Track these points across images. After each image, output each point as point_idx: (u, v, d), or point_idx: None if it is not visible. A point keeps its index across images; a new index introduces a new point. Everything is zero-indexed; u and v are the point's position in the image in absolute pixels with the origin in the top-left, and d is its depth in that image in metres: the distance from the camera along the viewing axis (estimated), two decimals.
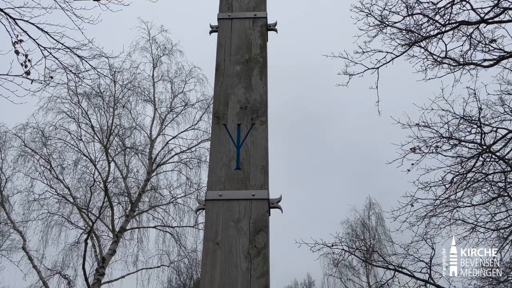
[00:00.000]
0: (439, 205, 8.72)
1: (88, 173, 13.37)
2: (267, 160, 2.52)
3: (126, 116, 14.09)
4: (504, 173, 8.32)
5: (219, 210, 2.38)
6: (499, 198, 8.62)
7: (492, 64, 8.03)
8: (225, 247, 2.27)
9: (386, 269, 10.25)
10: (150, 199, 14.16)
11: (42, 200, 12.89)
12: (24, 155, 13.01)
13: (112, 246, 12.39)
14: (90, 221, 12.47)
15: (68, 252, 13.03)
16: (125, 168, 13.75)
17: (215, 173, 2.51)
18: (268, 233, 2.30)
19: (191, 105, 14.87)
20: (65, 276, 12.52)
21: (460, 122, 8.09)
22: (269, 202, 2.39)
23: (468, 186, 8.52)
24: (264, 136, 2.61)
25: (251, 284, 2.16)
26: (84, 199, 13.15)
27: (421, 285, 9.28)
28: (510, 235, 8.51)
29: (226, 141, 2.61)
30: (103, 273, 11.94)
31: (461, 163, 8.34)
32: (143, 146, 14.34)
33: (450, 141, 8.25)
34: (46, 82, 7.33)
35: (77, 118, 13.27)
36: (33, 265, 11.99)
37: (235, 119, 2.68)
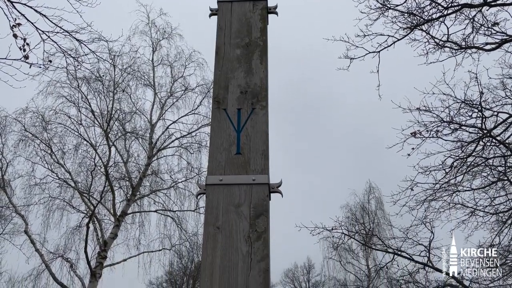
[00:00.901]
0: (438, 189, 8.76)
1: (88, 158, 13.41)
2: (267, 144, 2.52)
3: (126, 101, 14.06)
4: (504, 157, 8.32)
5: (220, 194, 2.39)
6: (499, 182, 8.65)
7: (494, 48, 7.96)
8: (225, 231, 2.29)
9: (385, 252, 10.36)
10: (151, 183, 14.23)
11: (43, 185, 12.96)
12: (24, 140, 13.02)
13: (114, 230, 12.49)
14: (91, 205, 12.54)
15: (70, 235, 13.16)
16: (125, 152, 13.78)
17: (216, 158, 2.51)
18: (268, 217, 2.31)
19: (191, 90, 14.82)
20: (67, 259, 12.65)
21: (461, 107, 8.06)
22: (270, 187, 2.40)
23: (468, 171, 8.53)
24: (265, 121, 2.60)
25: (251, 267, 2.18)
26: (85, 183, 13.21)
27: (420, 268, 9.39)
28: (509, 218, 8.56)
29: (227, 126, 2.60)
30: (105, 256, 12.06)
31: (462, 148, 8.34)
32: (144, 130, 14.35)
33: (451, 125, 8.23)
34: (45, 66, 7.29)
35: (77, 103, 13.24)
36: (35, 249, 12.10)
37: (235, 103, 2.67)
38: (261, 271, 2.17)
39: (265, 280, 2.15)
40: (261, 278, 2.16)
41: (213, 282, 2.16)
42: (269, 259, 2.21)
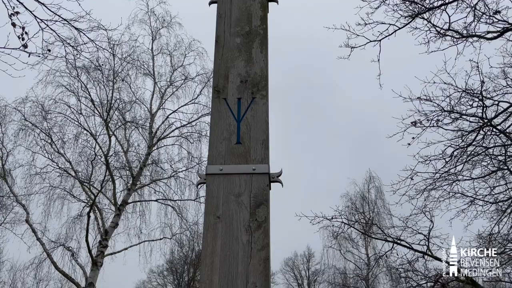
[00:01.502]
0: (438, 179, 8.78)
1: (89, 147, 13.41)
2: (267, 134, 2.51)
3: (126, 90, 14.02)
4: (504, 146, 8.32)
5: (220, 184, 2.39)
6: (499, 171, 8.66)
7: (495, 36, 7.90)
8: (226, 221, 2.29)
9: (384, 241, 10.41)
10: (151, 173, 14.25)
11: (43, 174, 12.98)
12: (24, 129, 13.01)
13: (115, 219, 12.55)
14: (92, 195, 12.58)
15: (71, 225, 13.22)
16: (125, 142, 13.78)
17: (216, 147, 2.51)
18: (268, 206, 2.32)
19: (191, 79, 14.77)
20: (68, 248, 12.72)
21: (462, 96, 8.03)
22: (270, 176, 2.40)
23: (468, 160, 8.54)
24: (265, 110, 2.59)
25: (251, 256, 2.19)
26: (86, 173, 13.23)
27: (419, 256, 9.44)
28: (509, 208, 8.58)
29: (227, 115, 2.59)
30: (106, 245, 12.13)
31: (462, 137, 8.33)
32: (144, 120, 14.33)
33: (451, 114, 8.21)
34: (44, 55, 7.23)
35: (76, 92, 13.20)
36: (36, 238, 12.17)
37: (235, 92, 2.65)
38: (261, 260, 2.18)
39: (266, 268, 2.17)
40: (262, 267, 2.17)
41: (214, 271, 2.17)
42: (269, 248, 2.22)
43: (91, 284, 11.45)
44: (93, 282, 11.50)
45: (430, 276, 9.33)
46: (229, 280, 2.15)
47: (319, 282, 50.66)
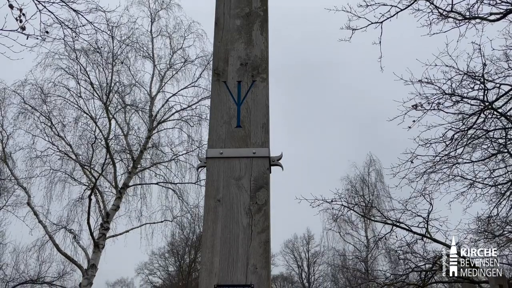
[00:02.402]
0: (438, 162, 8.79)
1: (89, 130, 13.39)
2: (267, 118, 2.51)
3: (125, 73, 13.93)
4: (505, 129, 8.31)
5: (220, 167, 2.39)
6: (499, 154, 8.66)
7: (498, 18, 7.81)
8: (226, 204, 2.30)
9: (384, 223, 10.49)
10: (152, 156, 14.28)
11: (44, 157, 12.99)
12: (24, 112, 12.97)
13: (116, 202, 12.62)
14: (93, 178, 12.62)
15: (72, 207, 13.29)
16: (126, 125, 13.76)
17: (216, 131, 2.50)
18: (268, 190, 2.33)
19: (190, 62, 14.67)
20: (70, 231, 12.83)
21: (464, 78, 7.98)
22: (270, 160, 2.40)
23: (468, 143, 8.53)
24: (265, 94, 2.57)
25: (252, 239, 2.21)
26: (86, 156, 13.25)
27: (418, 239, 9.53)
28: (508, 190, 8.62)
29: (227, 99, 2.58)
30: (107, 227, 12.23)
31: (463, 120, 8.31)
32: (143, 103, 14.28)
33: (453, 97, 8.17)
34: (42, 37, 7.16)
35: (75, 75, 13.11)
36: (38, 220, 12.26)
37: (235, 76, 2.63)
38: (261, 242, 2.20)
39: (266, 251, 2.18)
40: (262, 249, 2.19)
41: (214, 253, 2.19)
42: (270, 230, 2.24)
43: (93, 265, 11.59)
44: (95, 264, 11.64)
45: (428, 258, 9.43)
46: (230, 262, 2.17)
47: (318, 264, 51.24)
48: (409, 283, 9.85)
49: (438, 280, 10.36)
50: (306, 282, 54.03)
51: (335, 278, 35.71)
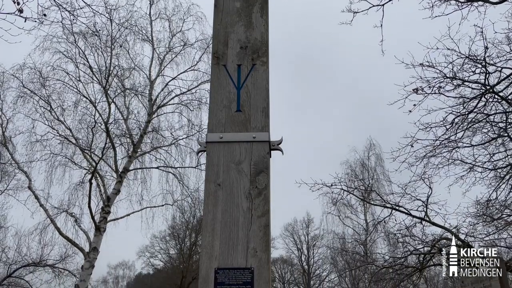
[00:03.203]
0: (438, 146, 8.79)
1: (88, 115, 13.36)
2: (267, 102, 2.49)
3: (124, 56, 13.82)
4: (505, 113, 8.27)
5: (220, 152, 2.39)
6: (499, 138, 8.65)
7: (501, 1, 7.71)
8: (226, 188, 2.31)
9: (383, 207, 10.56)
10: (152, 140, 14.27)
11: (44, 141, 12.99)
12: (23, 96, 12.91)
13: (116, 185, 12.66)
14: (93, 162, 12.64)
15: (73, 191, 13.35)
16: (125, 109, 13.72)
17: (216, 115, 2.49)
18: (268, 174, 2.33)
19: (190, 45, 14.54)
20: (71, 214, 12.91)
21: (465, 62, 7.92)
22: (270, 144, 2.39)
23: (468, 127, 8.51)
24: (265, 77, 2.56)
25: (252, 222, 2.22)
26: (86, 140, 13.24)
27: (417, 222, 9.59)
28: (507, 174, 8.63)
29: (226, 83, 2.56)
30: (108, 211, 12.30)
31: (463, 104, 8.27)
32: (143, 87, 14.21)
33: (454, 81, 8.12)
34: (39, 20, 7.07)
35: (74, 58, 13.02)
36: (40, 204, 12.32)
37: (235, 59, 2.61)
38: (261, 226, 2.21)
39: (266, 234, 2.20)
40: (262, 232, 2.20)
41: (215, 236, 2.21)
42: (270, 214, 2.25)
43: (94, 248, 11.70)
44: (96, 247, 11.74)
45: (427, 241, 9.51)
46: (230, 246, 2.19)
47: (318, 247, 51.75)
48: (408, 265, 9.96)
49: (436, 262, 10.46)
50: (306, 264, 54.62)
51: (334, 260, 36.11)
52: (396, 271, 10.12)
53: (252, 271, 2.12)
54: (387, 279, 11.15)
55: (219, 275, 2.13)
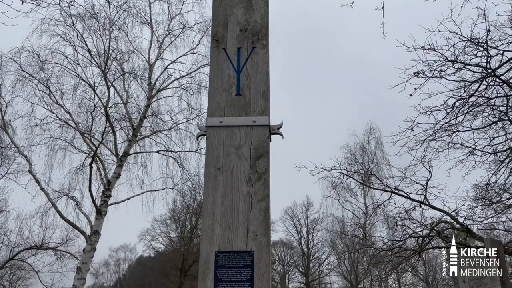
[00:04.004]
0: (439, 130, 8.77)
1: (88, 98, 13.31)
2: (268, 85, 2.47)
3: (123, 39, 13.69)
4: (506, 97, 8.24)
5: (220, 136, 2.38)
6: (499, 122, 8.63)
7: None
8: (226, 172, 2.31)
9: (383, 191, 10.60)
10: (151, 124, 14.25)
11: (44, 125, 12.97)
12: (22, 80, 12.84)
13: (117, 169, 12.69)
14: (93, 146, 12.65)
15: (74, 175, 13.38)
16: (125, 93, 13.66)
17: (215, 99, 2.47)
18: (268, 158, 2.32)
19: (189, 28, 14.39)
20: (72, 198, 12.97)
21: (467, 45, 7.84)
22: (270, 129, 2.38)
23: (469, 111, 8.49)
24: (265, 61, 2.53)
25: (252, 206, 2.23)
26: (86, 124, 13.22)
27: (416, 205, 9.64)
28: (507, 158, 8.64)
29: (226, 66, 2.53)
30: (109, 195, 12.36)
31: (464, 87, 8.23)
32: (142, 70, 14.11)
33: (455, 64, 8.06)
34: (37, 2, 6.98)
35: (72, 41, 12.90)
36: (40, 188, 12.37)
37: (234, 42, 2.58)
38: (261, 210, 2.22)
39: (266, 218, 2.21)
40: (262, 216, 2.21)
41: (215, 220, 2.22)
42: (270, 198, 2.25)
43: (96, 232, 11.79)
44: (98, 230, 11.84)
45: (426, 225, 9.58)
46: (230, 229, 2.20)
47: (317, 230, 52.25)
48: (406, 248, 10.05)
49: (434, 245, 10.56)
50: (305, 247, 55.19)
51: (333, 243, 36.46)
52: (395, 253, 10.22)
53: (252, 254, 2.14)
54: (386, 261, 11.28)
55: (219, 258, 2.14)
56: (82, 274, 11.23)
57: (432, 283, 43.83)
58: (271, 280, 2.13)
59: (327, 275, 53.61)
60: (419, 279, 37.76)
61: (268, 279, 2.10)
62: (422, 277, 40.20)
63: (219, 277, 2.11)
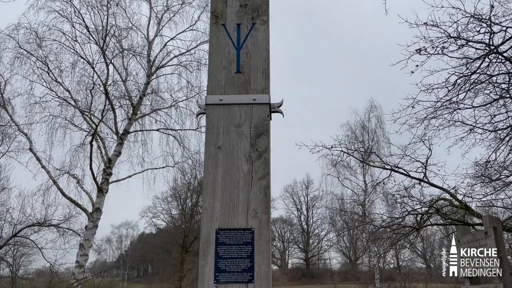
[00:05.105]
0: (439, 107, 8.73)
1: (87, 76, 13.21)
2: (268, 63, 2.44)
3: (121, 15, 13.49)
4: (508, 74, 8.16)
5: (220, 114, 2.37)
6: (501, 99, 8.58)
7: None
8: (226, 151, 2.31)
9: (382, 169, 10.63)
10: (151, 102, 14.20)
11: (43, 103, 12.92)
12: (20, 57, 12.71)
13: (117, 147, 12.71)
14: (93, 124, 12.62)
15: (74, 153, 13.42)
16: (124, 71, 13.55)
17: (215, 76, 2.45)
18: (269, 137, 2.32)
19: (188, 3, 14.17)
20: (74, 176, 13.02)
21: (470, 21, 7.71)
22: (270, 107, 2.37)
23: (471, 88, 8.42)
24: (266, 37, 2.49)
25: (252, 184, 2.23)
26: (85, 102, 13.17)
27: (415, 183, 9.68)
28: (507, 136, 8.63)
29: (226, 43, 2.50)
30: (110, 173, 12.42)
31: (467, 65, 8.14)
32: (141, 48, 13.97)
33: (458, 41, 7.95)
34: None
35: (70, 18, 12.71)
36: (41, 166, 12.41)
37: (234, 18, 2.54)
38: (262, 188, 2.23)
39: (266, 196, 2.22)
40: (262, 194, 2.22)
41: (215, 198, 2.23)
42: (270, 177, 2.26)
43: (97, 209, 11.90)
44: (99, 208, 11.94)
45: (425, 202, 9.64)
46: (231, 207, 2.21)
47: (317, 207, 52.81)
48: (405, 225, 10.14)
49: (433, 222, 10.66)
50: (305, 224, 55.78)
51: (333, 220, 36.86)
52: (394, 230, 10.32)
53: (253, 231, 2.15)
54: (385, 238, 11.40)
55: (220, 236, 2.16)
56: (84, 250, 11.38)
57: (429, 258, 44.54)
58: (271, 257, 2.15)
59: (326, 251, 54.58)
60: (417, 255, 38.34)
61: (268, 256, 2.12)
62: (420, 253, 40.79)
63: (220, 254, 2.13)
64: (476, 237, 6.09)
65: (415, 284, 14.24)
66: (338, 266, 52.58)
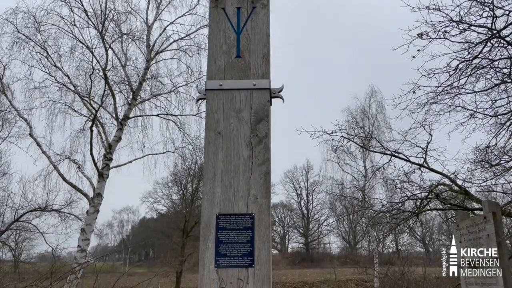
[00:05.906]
0: (440, 92, 8.69)
1: (86, 61, 13.13)
2: (268, 47, 2.42)
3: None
4: (510, 59, 8.10)
5: (220, 99, 2.35)
6: (502, 84, 8.54)
7: None
8: (226, 136, 2.30)
9: (383, 154, 10.64)
10: (151, 87, 14.13)
11: (43, 88, 12.88)
12: (18, 42, 12.62)
13: (117, 133, 12.70)
14: (93, 109, 12.60)
15: (75, 138, 13.43)
16: (123, 55, 13.46)
17: (215, 61, 2.43)
18: (269, 122, 2.31)
19: None
20: (74, 161, 13.06)
21: (473, 5, 7.63)
22: (271, 92, 2.35)
23: (472, 73, 8.37)
24: (266, 21, 2.46)
25: (252, 170, 2.23)
26: (85, 87, 13.11)
27: (415, 168, 9.70)
28: (508, 121, 8.61)
29: (225, 27, 2.47)
30: (110, 158, 12.43)
31: (468, 49, 8.08)
32: (140, 32, 13.85)
33: (460, 25, 7.88)
34: None
35: (68, 2, 12.57)
36: (42, 151, 12.42)
37: (234, 2, 2.50)
38: (262, 173, 2.23)
39: (266, 181, 2.22)
40: (262, 180, 2.22)
41: (216, 183, 2.23)
42: (270, 162, 2.26)
43: (98, 194, 11.95)
44: (100, 193, 11.99)
45: (424, 187, 9.67)
46: (231, 193, 2.21)
47: (317, 192, 53.07)
48: (405, 210, 10.19)
49: (432, 207, 10.71)
50: (305, 209, 56.12)
51: (333, 205, 37.05)
52: (393, 215, 10.38)
53: (253, 216, 2.16)
54: (384, 223, 11.47)
55: (220, 221, 2.17)
56: (86, 235, 11.47)
57: (428, 243, 44.91)
58: (271, 241, 2.17)
59: (326, 236, 55.02)
60: (416, 240, 38.65)
61: (268, 241, 2.13)
62: (419, 238, 41.12)
63: (220, 238, 2.14)
64: (475, 222, 6.12)
65: (414, 268, 14.39)
66: (337, 251, 53.15)
